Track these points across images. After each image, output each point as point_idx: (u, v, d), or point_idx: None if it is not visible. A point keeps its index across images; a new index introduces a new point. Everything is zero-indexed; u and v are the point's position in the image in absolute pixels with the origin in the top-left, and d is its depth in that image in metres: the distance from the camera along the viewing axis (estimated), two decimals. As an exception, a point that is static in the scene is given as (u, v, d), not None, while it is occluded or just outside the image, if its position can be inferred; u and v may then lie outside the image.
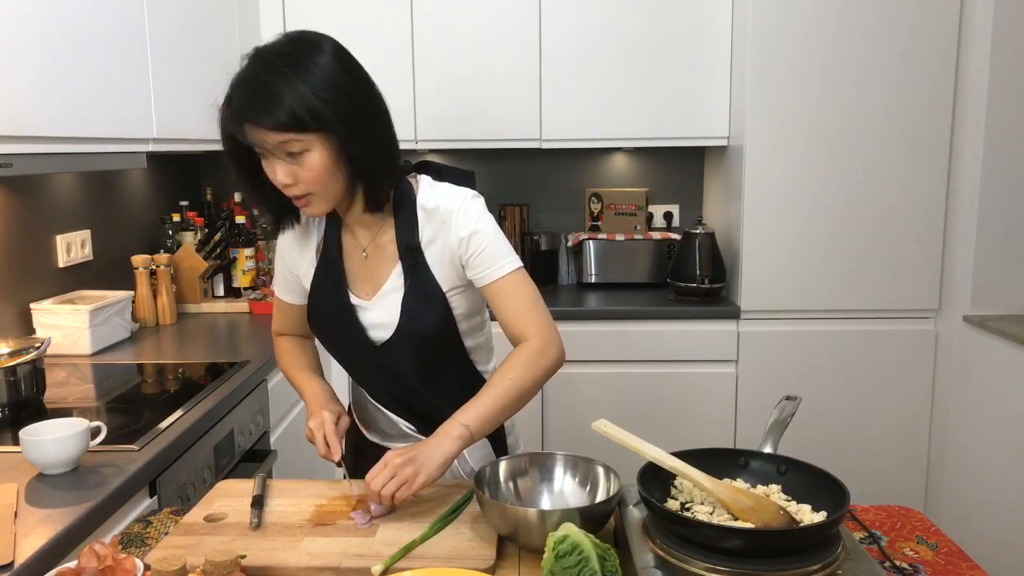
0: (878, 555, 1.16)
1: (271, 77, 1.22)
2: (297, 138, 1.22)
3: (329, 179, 1.27)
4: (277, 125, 1.21)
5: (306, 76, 1.22)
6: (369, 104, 1.29)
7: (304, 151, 1.24)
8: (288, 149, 1.23)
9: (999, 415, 2.54)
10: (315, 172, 1.25)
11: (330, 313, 1.44)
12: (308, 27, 3.29)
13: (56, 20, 1.72)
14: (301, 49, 1.26)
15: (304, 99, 1.20)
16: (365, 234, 1.42)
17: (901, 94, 2.70)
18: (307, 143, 1.23)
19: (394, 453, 1.23)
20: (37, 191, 2.27)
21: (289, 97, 1.20)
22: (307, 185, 1.26)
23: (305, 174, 1.25)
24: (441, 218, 1.36)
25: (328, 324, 1.46)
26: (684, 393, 2.86)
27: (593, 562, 0.95)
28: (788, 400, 1.26)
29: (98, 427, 1.47)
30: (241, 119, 1.24)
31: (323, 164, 1.25)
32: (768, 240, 2.79)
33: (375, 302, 1.41)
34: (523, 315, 1.38)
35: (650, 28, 2.91)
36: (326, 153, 1.24)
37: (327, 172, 1.26)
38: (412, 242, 1.37)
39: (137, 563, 0.99)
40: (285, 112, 1.20)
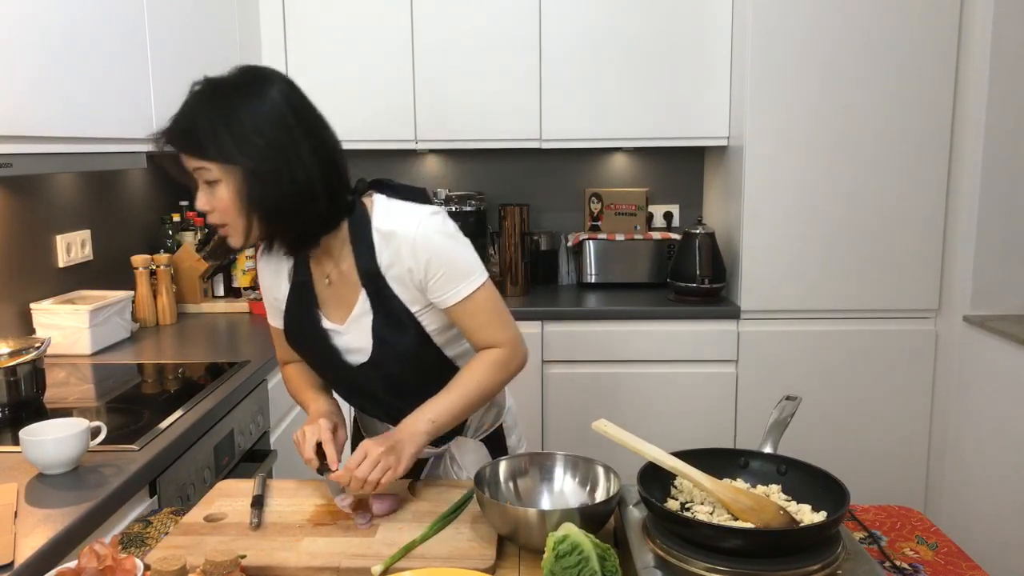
0: (878, 555, 1.16)
1: (196, 104, 1.25)
2: (205, 166, 1.23)
3: (236, 214, 1.25)
4: (184, 148, 1.24)
5: (227, 109, 1.23)
6: (292, 153, 1.24)
7: (216, 181, 1.24)
8: (203, 177, 1.25)
9: (999, 415, 2.54)
10: (223, 204, 1.24)
11: (304, 338, 1.44)
12: (308, 28, 3.30)
13: (56, 20, 1.72)
14: (235, 87, 1.27)
15: (214, 129, 1.22)
16: (327, 261, 1.39)
17: (901, 94, 2.70)
18: (216, 174, 1.23)
19: (373, 443, 1.26)
20: (37, 191, 2.27)
21: (202, 125, 1.23)
22: (219, 215, 1.26)
23: (216, 203, 1.25)
24: (398, 243, 1.32)
25: (304, 348, 1.46)
26: (684, 393, 2.86)
27: (593, 562, 0.95)
28: (788, 400, 1.26)
29: (98, 427, 1.47)
30: (163, 140, 1.28)
31: (230, 198, 1.24)
32: (768, 240, 2.79)
33: (348, 326, 1.40)
34: (488, 330, 1.39)
35: (650, 28, 2.91)
36: (233, 188, 1.23)
37: (233, 207, 1.24)
38: (372, 268, 1.34)
39: (137, 563, 0.99)
40: (192, 137, 1.23)
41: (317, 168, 1.26)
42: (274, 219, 1.26)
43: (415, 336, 1.38)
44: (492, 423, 1.58)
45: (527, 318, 2.80)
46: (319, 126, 1.30)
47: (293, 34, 2.97)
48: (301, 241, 1.32)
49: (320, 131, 1.29)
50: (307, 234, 1.31)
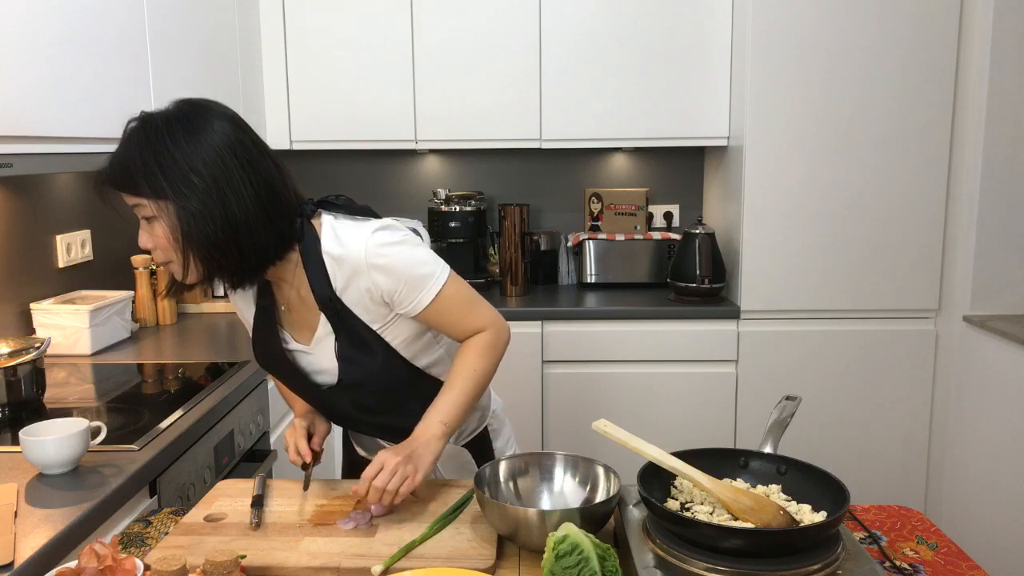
0: (878, 555, 1.16)
1: (131, 141, 1.23)
2: (141, 203, 1.23)
3: (173, 250, 1.24)
4: (118, 185, 1.24)
5: (160, 146, 1.21)
6: (227, 185, 1.22)
7: (153, 217, 1.23)
8: (141, 214, 1.25)
9: (999, 415, 2.54)
10: (160, 241, 1.24)
11: (271, 359, 1.43)
12: (309, 27, 3.29)
13: (56, 20, 1.72)
14: (175, 119, 1.24)
15: (147, 167, 1.20)
16: (284, 287, 1.38)
17: (901, 94, 2.70)
18: (151, 211, 1.23)
19: (389, 453, 1.25)
20: (37, 191, 2.27)
21: (135, 162, 1.21)
22: (160, 253, 1.26)
23: (156, 241, 1.25)
24: (350, 267, 1.30)
25: (273, 368, 1.45)
26: (684, 393, 2.86)
27: (593, 562, 0.95)
28: (788, 400, 1.26)
29: (98, 427, 1.47)
30: (100, 179, 1.26)
31: (165, 235, 1.23)
32: (768, 240, 2.79)
33: (314, 347, 1.39)
34: (466, 321, 1.38)
35: (650, 28, 2.91)
36: (168, 224, 1.22)
37: (170, 243, 1.23)
38: (327, 292, 1.32)
39: (137, 563, 0.99)
40: (126, 175, 1.22)
41: (253, 201, 1.24)
42: (210, 254, 1.23)
43: (382, 354, 1.36)
44: (476, 427, 1.57)
45: (527, 318, 2.80)
46: (257, 156, 1.27)
47: (293, 34, 2.97)
48: (241, 275, 1.29)
49: (258, 162, 1.26)
50: (247, 268, 1.28)
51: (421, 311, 1.34)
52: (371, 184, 3.38)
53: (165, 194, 1.21)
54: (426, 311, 1.34)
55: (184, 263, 1.24)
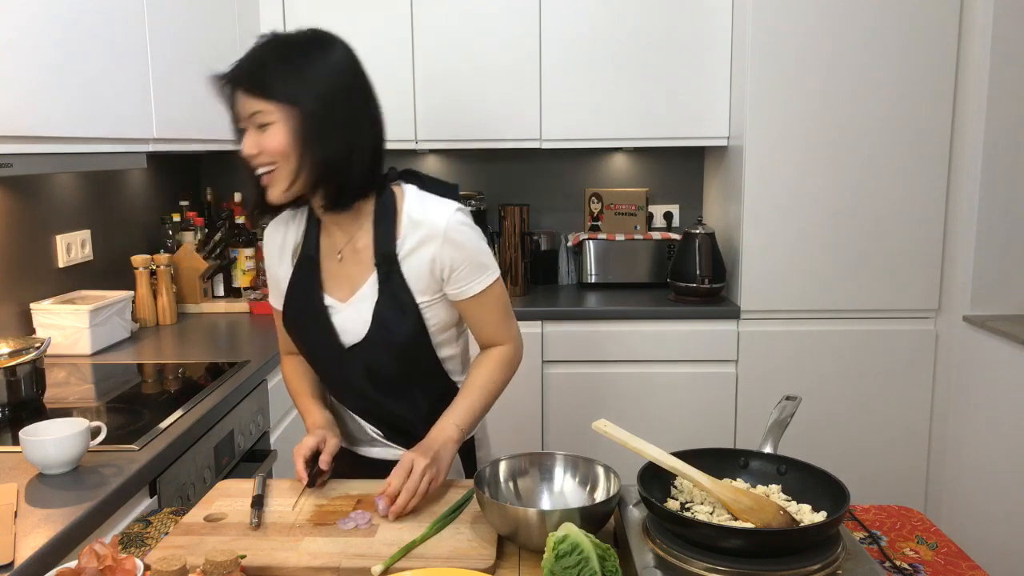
0: (878, 555, 1.16)
1: (265, 49, 1.30)
2: (264, 108, 1.27)
3: (289, 157, 1.28)
4: (249, 87, 1.27)
5: (295, 57, 1.29)
6: (349, 109, 1.31)
7: (270, 123, 1.27)
8: (258, 120, 1.28)
9: (999, 415, 2.54)
10: (275, 145, 1.27)
11: (303, 312, 1.44)
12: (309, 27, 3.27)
13: (56, 20, 1.72)
14: (306, 39, 1.33)
15: (282, 71, 1.27)
16: (341, 236, 1.41)
17: (901, 94, 2.70)
18: (273, 115, 1.27)
19: (417, 455, 1.27)
20: (37, 191, 2.27)
21: (270, 67, 1.28)
22: (268, 156, 1.28)
23: (267, 145, 1.28)
24: (426, 232, 1.36)
25: (300, 323, 1.45)
26: (684, 393, 2.86)
27: (593, 562, 0.95)
28: (788, 400, 1.26)
29: (98, 427, 1.47)
30: (226, 80, 1.31)
31: (284, 140, 1.27)
32: (768, 240, 2.79)
33: (349, 305, 1.40)
34: (498, 326, 1.44)
35: (650, 28, 2.91)
36: (291, 129, 1.27)
37: (286, 148, 1.27)
38: (389, 251, 1.36)
39: (137, 563, 0.99)
40: (259, 77, 1.27)
41: (368, 129, 1.33)
42: (323, 167, 1.29)
43: (414, 325, 1.38)
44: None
45: (527, 318, 2.80)
46: (372, 92, 1.37)
47: (293, 34, 2.96)
48: (340, 196, 1.34)
49: (374, 96, 1.36)
50: (348, 190, 1.34)
51: (468, 297, 1.39)
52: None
53: (296, 99, 1.27)
54: (472, 299, 1.40)
55: (295, 171, 1.29)
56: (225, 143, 2.63)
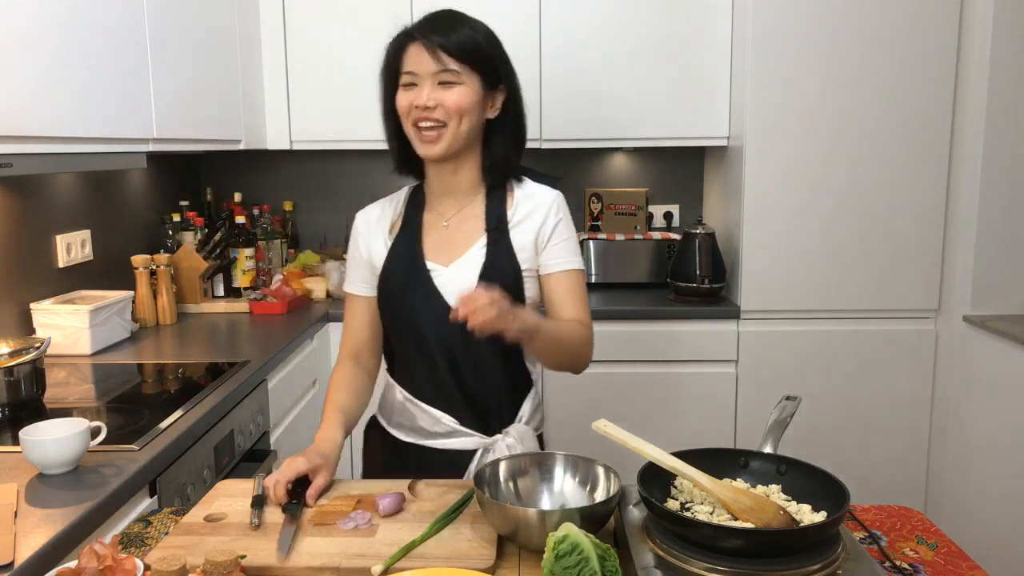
0: (878, 555, 1.16)
1: (458, 15, 1.43)
2: (457, 67, 1.38)
3: (466, 115, 1.39)
4: (449, 46, 1.37)
5: (479, 26, 1.44)
6: (513, 76, 1.47)
7: (455, 83, 1.38)
8: (443, 78, 1.38)
9: (999, 415, 2.54)
10: (456, 103, 1.38)
11: (404, 280, 1.47)
12: (309, 28, 3.30)
13: (56, 20, 1.72)
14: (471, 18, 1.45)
15: (476, 38, 1.41)
16: (452, 205, 1.50)
17: (901, 94, 2.70)
18: (462, 76, 1.38)
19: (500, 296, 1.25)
20: (37, 191, 2.27)
21: (468, 29, 1.40)
22: (445, 112, 1.38)
23: (449, 100, 1.38)
24: (534, 204, 1.48)
25: (403, 291, 1.48)
26: (684, 393, 2.86)
27: (593, 562, 0.95)
28: (788, 400, 1.26)
29: (98, 427, 1.47)
30: (418, 36, 1.39)
31: (467, 99, 1.39)
32: (768, 240, 2.79)
33: (451, 268, 1.46)
34: (579, 309, 1.49)
35: (650, 28, 2.91)
36: (472, 92, 1.39)
37: (467, 107, 1.39)
38: (502, 217, 1.47)
39: (137, 563, 0.99)
40: (460, 38, 1.38)
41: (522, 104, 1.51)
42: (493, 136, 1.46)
43: (517, 289, 1.45)
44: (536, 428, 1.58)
45: (527, 318, 2.80)
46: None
47: (293, 34, 2.97)
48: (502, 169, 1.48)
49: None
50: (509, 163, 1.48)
51: (559, 271, 1.47)
52: (371, 184, 3.38)
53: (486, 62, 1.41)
54: (562, 275, 1.47)
55: (463, 132, 1.41)
56: (225, 143, 2.63)
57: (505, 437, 1.50)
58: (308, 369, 2.58)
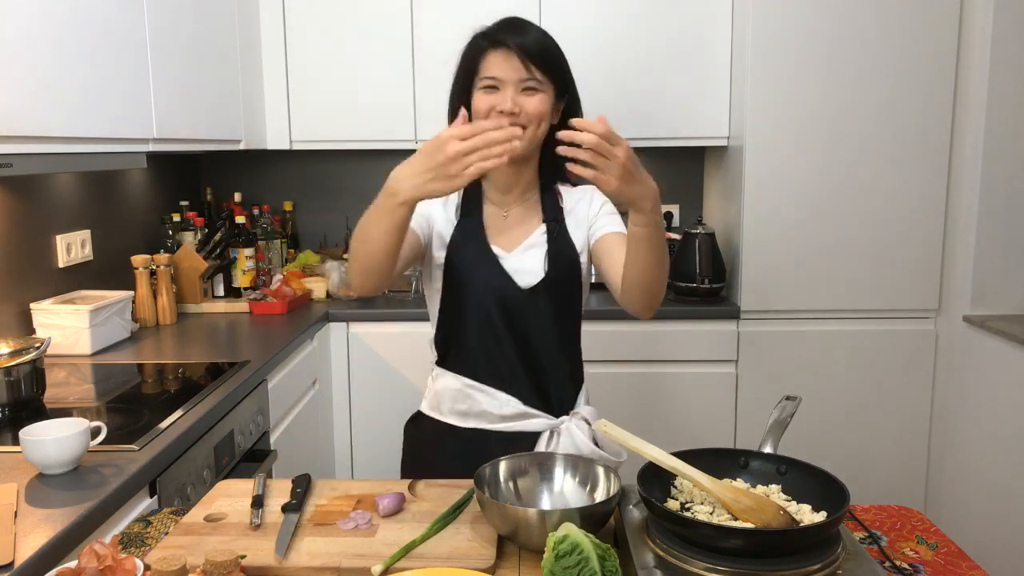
0: (878, 555, 1.16)
1: (529, 23, 1.51)
2: (540, 77, 1.46)
3: (543, 121, 1.48)
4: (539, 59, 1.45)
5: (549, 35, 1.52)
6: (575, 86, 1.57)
7: (536, 91, 1.46)
8: (529, 85, 1.45)
9: (999, 415, 2.54)
10: (538, 110, 1.46)
11: (472, 262, 1.53)
12: (309, 28, 3.30)
13: (56, 20, 1.72)
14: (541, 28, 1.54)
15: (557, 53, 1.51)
16: (511, 200, 1.58)
17: (901, 94, 2.70)
18: (543, 85, 1.47)
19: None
20: (37, 191, 2.27)
21: (552, 47, 1.50)
22: (526, 118, 1.46)
23: (532, 107, 1.46)
24: (580, 193, 1.60)
25: (471, 272, 1.52)
26: (684, 393, 2.86)
27: (593, 562, 0.95)
28: (788, 400, 1.26)
29: (98, 427, 1.47)
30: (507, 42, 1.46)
31: (546, 106, 1.47)
32: (768, 240, 2.79)
33: (515, 254, 1.54)
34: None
35: (650, 28, 2.91)
36: (549, 100, 1.48)
37: (545, 114, 1.48)
38: (557, 206, 1.58)
39: (137, 563, 0.99)
40: (549, 54, 1.48)
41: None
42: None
43: (578, 271, 1.56)
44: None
45: (527, 318, 2.80)
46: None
47: (293, 34, 2.97)
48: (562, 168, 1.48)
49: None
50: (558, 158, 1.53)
51: (612, 231, 1.54)
52: (371, 184, 3.37)
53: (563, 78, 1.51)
54: (616, 235, 1.53)
55: (539, 136, 1.50)
56: (225, 143, 2.63)
57: (573, 418, 1.56)
58: (308, 369, 2.58)
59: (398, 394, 2.76)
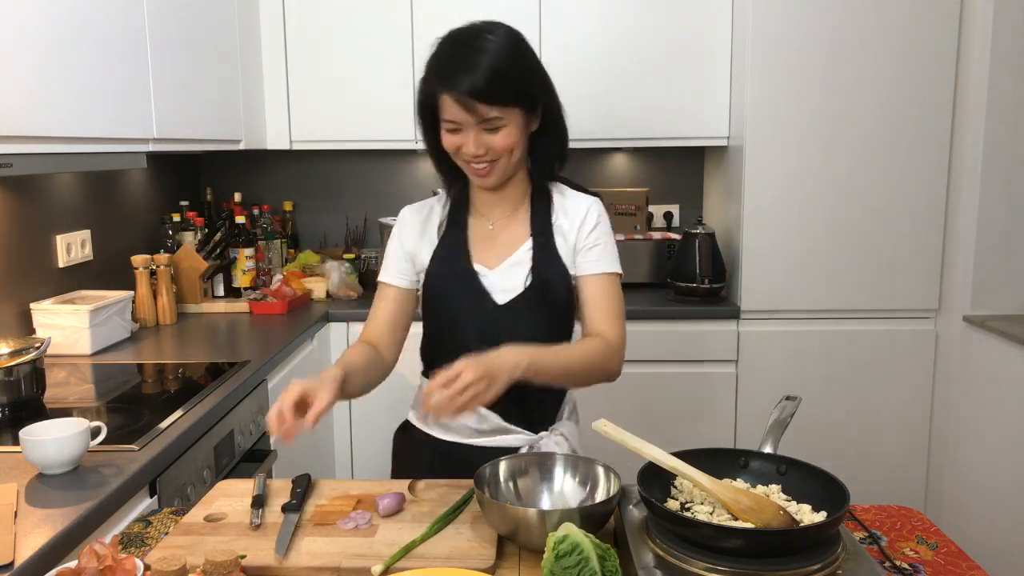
0: (878, 555, 1.16)
1: (478, 44, 1.39)
2: (504, 112, 1.36)
3: (515, 148, 1.41)
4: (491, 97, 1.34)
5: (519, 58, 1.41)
6: (547, 87, 1.46)
7: (501, 125, 1.38)
8: (493, 124, 1.37)
9: (999, 415, 2.54)
10: (507, 143, 1.39)
11: (451, 279, 1.49)
12: (309, 27, 3.30)
13: (56, 20, 1.72)
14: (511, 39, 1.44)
15: (514, 79, 1.37)
16: (498, 208, 1.52)
17: (901, 94, 2.70)
18: (507, 119, 1.37)
19: (468, 367, 1.20)
20: (37, 191, 2.27)
21: (507, 74, 1.36)
22: (495, 153, 1.40)
23: (497, 144, 1.39)
24: (573, 209, 1.51)
25: (448, 290, 1.49)
26: (684, 393, 2.86)
27: (593, 562, 0.95)
28: (788, 400, 1.26)
29: (98, 427, 1.47)
30: (448, 88, 1.36)
31: (515, 138, 1.39)
32: (768, 240, 2.79)
33: (497, 271, 1.48)
34: (611, 317, 1.48)
35: (650, 28, 2.91)
36: (517, 127, 1.39)
37: (516, 142, 1.40)
38: (547, 220, 1.50)
39: (137, 563, 0.99)
40: (499, 86, 1.35)
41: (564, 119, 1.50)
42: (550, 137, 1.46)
43: (563, 286, 1.48)
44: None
45: (527, 318, 2.80)
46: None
47: (293, 34, 2.97)
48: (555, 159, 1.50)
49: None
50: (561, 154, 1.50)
51: (594, 274, 1.48)
52: (371, 184, 3.38)
53: (530, 100, 1.40)
54: (597, 277, 1.48)
55: (516, 161, 1.44)
56: (225, 143, 2.63)
57: (552, 434, 1.52)
58: (308, 369, 2.58)
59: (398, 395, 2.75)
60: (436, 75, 1.41)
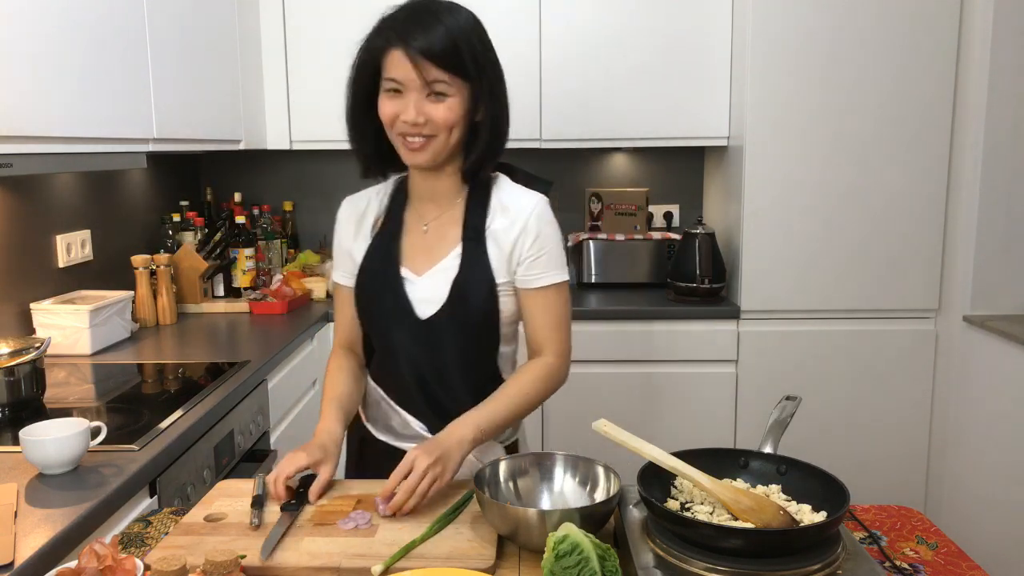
0: (878, 555, 1.16)
1: (447, 21, 1.31)
2: (453, 80, 1.31)
3: (455, 127, 1.34)
4: (443, 61, 1.29)
5: (477, 33, 1.35)
6: (500, 72, 1.41)
7: (446, 94, 1.31)
8: (438, 89, 1.31)
9: (999, 415, 2.54)
10: (450, 117, 1.32)
11: (378, 284, 1.44)
12: (309, 28, 3.29)
13: (56, 20, 1.72)
14: (469, 16, 1.37)
15: (470, 50, 1.32)
16: (433, 209, 1.45)
17: (901, 94, 2.70)
18: (454, 89, 1.31)
19: (421, 452, 1.23)
20: (37, 191, 2.27)
21: (462, 44, 1.31)
22: (434, 127, 1.33)
23: (439, 116, 1.32)
24: (514, 214, 1.41)
25: (374, 296, 1.45)
26: (684, 393, 2.86)
27: (593, 562, 0.95)
28: (788, 400, 1.26)
29: (98, 427, 1.47)
30: (400, 42, 1.30)
31: (457, 112, 1.32)
32: (768, 240, 2.79)
33: (425, 277, 1.42)
34: (552, 331, 1.43)
35: (650, 28, 2.91)
36: (461, 104, 1.33)
37: (457, 120, 1.33)
38: (480, 225, 1.41)
39: (137, 563, 0.99)
40: (454, 53, 1.29)
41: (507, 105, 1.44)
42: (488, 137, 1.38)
43: (489, 303, 1.39)
44: (508, 437, 1.55)
45: (527, 318, 2.80)
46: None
47: (293, 34, 2.97)
48: (481, 163, 1.41)
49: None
50: (487, 163, 1.41)
51: (534, 288, 1.41)
52: (371, 184, 3.38)
53: (480, 77, 1.34)
54: (538, 292, 1.41)
55: (453, 142, 1.36)
56: (225, 143, 2.63)
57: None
58: (308, 369, 2.58)
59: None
60: (391, 28, 1.34)
